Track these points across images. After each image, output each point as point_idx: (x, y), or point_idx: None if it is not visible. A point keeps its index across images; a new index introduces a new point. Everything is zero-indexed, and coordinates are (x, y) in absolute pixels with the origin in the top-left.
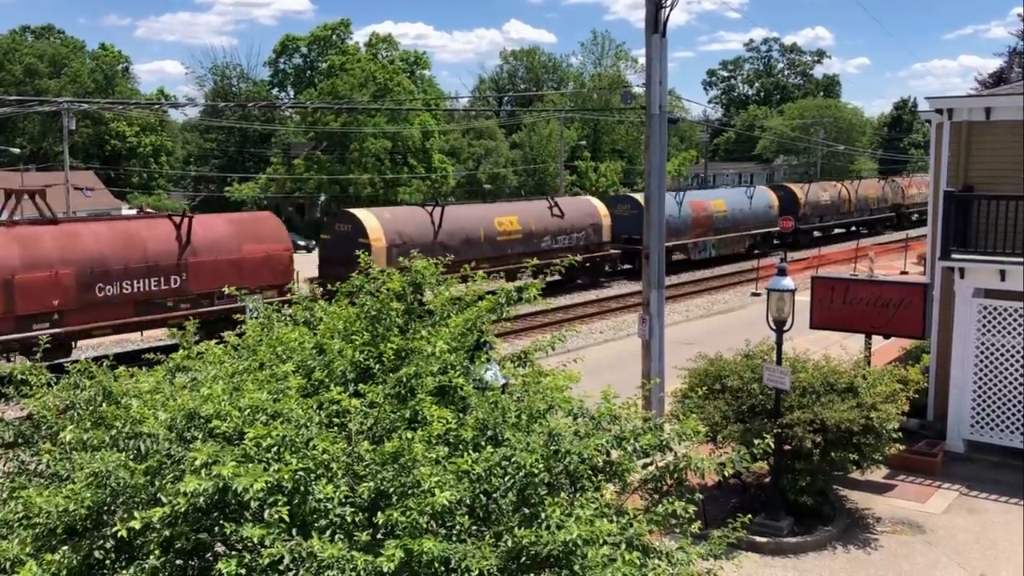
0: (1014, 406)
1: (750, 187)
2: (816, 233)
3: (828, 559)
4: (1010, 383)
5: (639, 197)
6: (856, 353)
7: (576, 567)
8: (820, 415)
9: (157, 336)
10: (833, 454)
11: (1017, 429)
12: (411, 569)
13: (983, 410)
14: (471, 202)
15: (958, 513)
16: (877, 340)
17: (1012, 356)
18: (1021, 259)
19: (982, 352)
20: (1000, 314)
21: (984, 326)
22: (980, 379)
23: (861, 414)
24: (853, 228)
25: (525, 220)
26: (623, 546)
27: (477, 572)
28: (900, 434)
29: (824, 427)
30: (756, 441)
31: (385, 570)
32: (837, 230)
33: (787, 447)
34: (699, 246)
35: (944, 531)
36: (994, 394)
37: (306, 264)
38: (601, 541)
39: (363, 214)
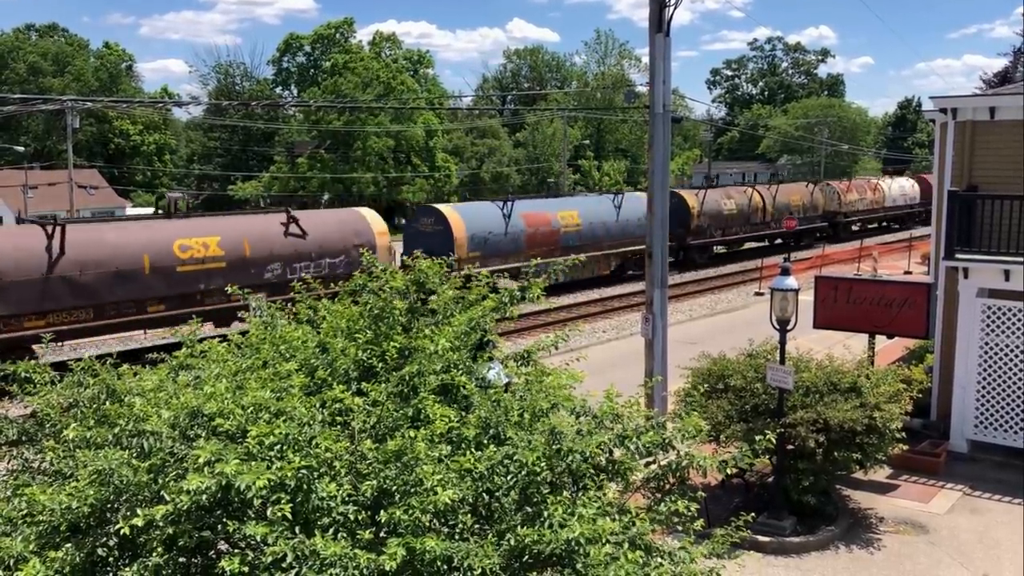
0: (1018, 406)
1: (618, 194)
2: (718, 248)
3: (831, 559)
4: (1014, 383)
5: (446, 209)
6: (859, 353)
7: (579, 565)
8: (823, 415)
9: (160, 334)
10: (836, 454)
11: (1021, 429)
12: (413, 568)
13: (986, 410)
14: None
15: (961, 513)
16: (880, 340)
17: (1016, 356)
18: None
19: (986, 352)
20: (1004, 314)
21: (988, 326)
22: (984, 379)
23: (864, 414)
24: (771, 241)
25: (231, 243)
26: (626, 545)
27: (480, 571)
28: (903, 434)
29: (827, 427)
30: (757, 437)
31: (387, 568)
32: (749, 244)
33: (790, 447)
34: (540, 270)
35: (947, 531)
36: (998, 394)
37: None
38: (604, 540)
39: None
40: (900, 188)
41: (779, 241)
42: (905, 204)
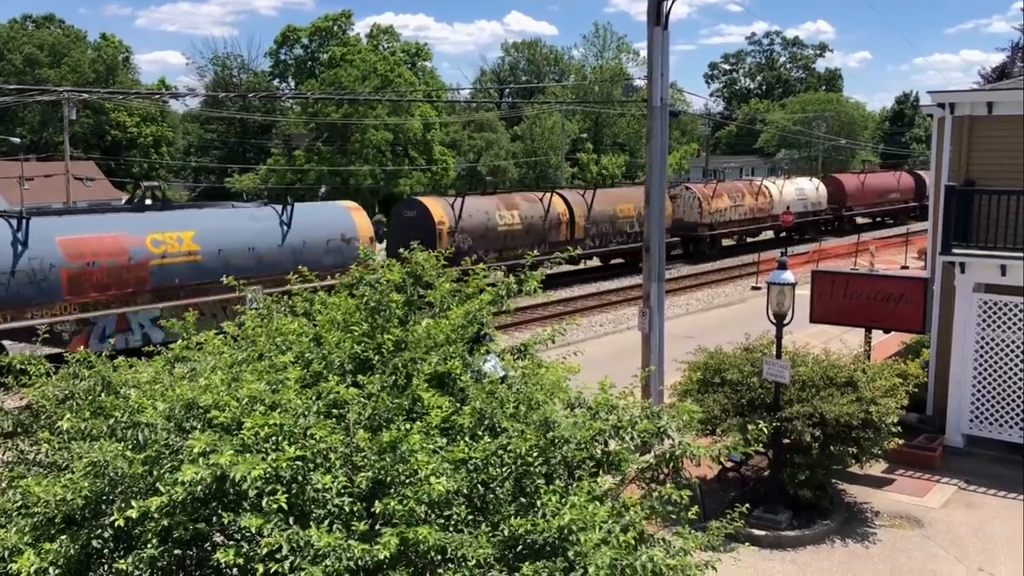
0: (1013, 401)
1: (287, 206)
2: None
3: (826, 552)
4: (1010, 378)
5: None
6: (856, 347)
7: (570, 553)
8: (819, 409)
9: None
10: (832, 448)
11: (1016, 424)
12: (408, 558)
13: (982, 405)
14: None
15: (957, 507)
16: (877, 334)
17: (1012, 351)
18: (1022, 254)
19: (982, 347)
20: (1000, 309)
21: (984, 321)
22: (980, 374)
23: (860, 408)
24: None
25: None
26: (617, 528)
27: (474, 561)
28: (899, 428)
29: (823, 421)
30: (750, 427)
31: (381, 557)
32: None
33: (786, 441)
34: (126, 322)
35: (942, 525)
36: (994, 389)
37: None
38: (595, 526)
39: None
40: (797, 192)
41: (598, 268)
42: (805, 211)
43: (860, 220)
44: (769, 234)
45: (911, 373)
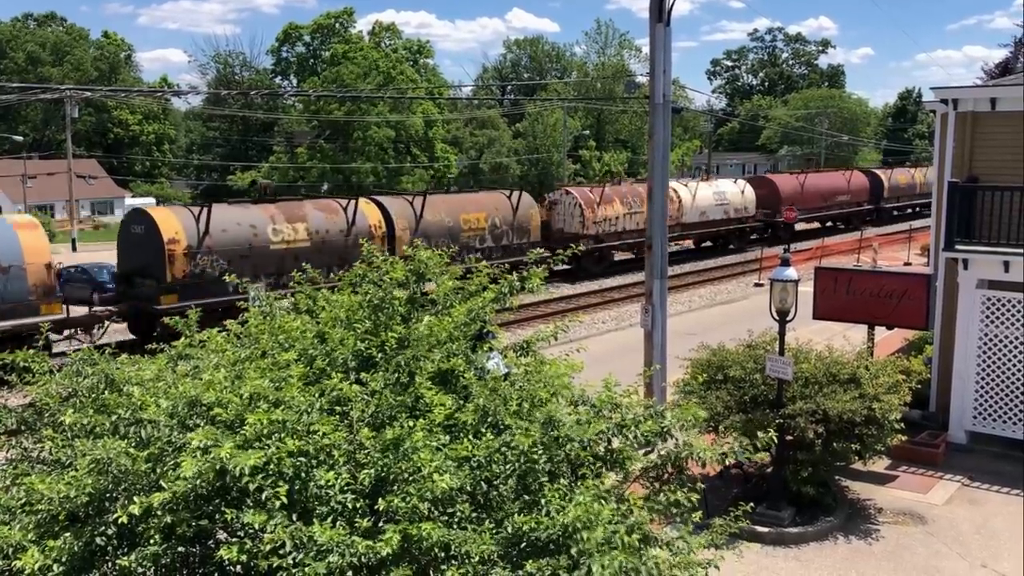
0: (1017, 397)
1: None
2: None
3: (829, 549)
4: (1013, 374)
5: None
6: (859, 344)
7: (573, 551)
8: (822, 406)
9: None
10: (835, 445)
11: (1019, 420)
12: (411, 554)
13: (985, 401)
14: None
15: (960, 504)
16: (880, 331)
17: (1015, 347)
18: None
19: (985, 343)
20: (1003, 305)
21: (987, 317)
22: (983, 370)
23: (863, 405)
24: None
25: None
26: (622, 529)
27: (477, 558)
28: (902, 425)
29: (826, 417)
30: (760, 434)
31: (383, 554)
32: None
33: (789, 437)
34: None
35: (946, 522)
36: (997, 385)
37: None
38: (599, 525)
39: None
40: (716, 196)
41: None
42: (727, 218)
43: (801, 226)
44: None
45: (914, 370)
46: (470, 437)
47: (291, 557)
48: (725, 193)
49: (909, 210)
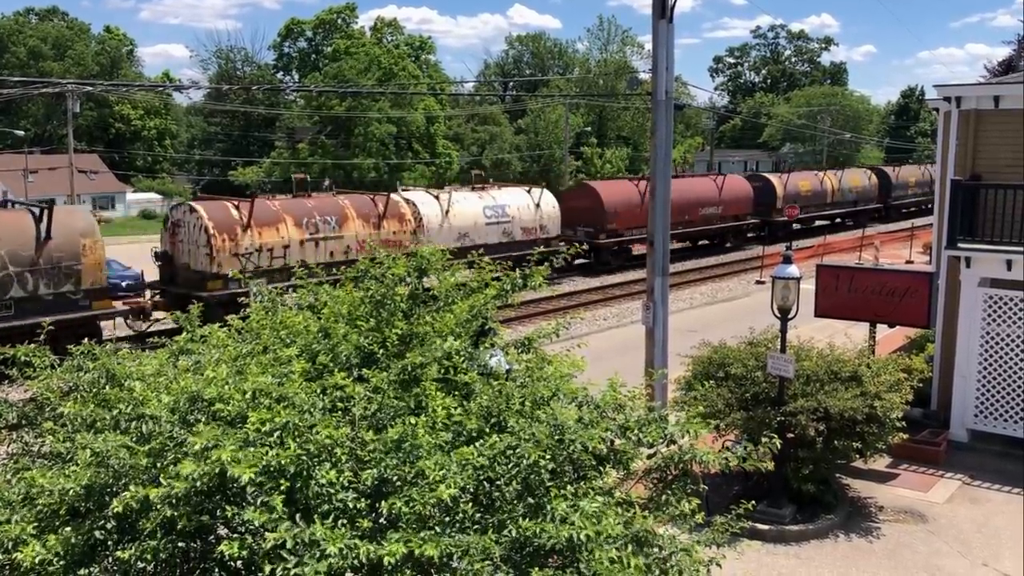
0: (1018, 395)
1: None
2: None
3: (830, 547)
4: (1014, 373)
5: None
6: (860, 342)
7: (582, 566)
8: (824, 403)
9: (161, 320)
10: (836, 442)
11: (1021, 419)
12: (414, 559)
13: (987, 399)
14: None
15: (961, 502)
16: (882, 329)
17: (1017, 346)
18: None
19: (987, 341)
20: (1005, 303)
21: (989, 315)
22: (984, 368)
23: (865, 403)
24: None
25: None
26: (629, 548)
27: (480, 566)
28: (903, 423)
29: (828, 415)
30: (763, 439)
31: (387, 564)
32: None
33: (790, 435)
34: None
35: (946, 520)
36: (998, 383)
37: None
38: (606, 536)
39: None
40: (491, 212)
41: None
42: (508, 242)
43: (639, 249)
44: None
45: (916, 368)
46: (473, 439)
47: (291, 559)
48: (505, 207)
49: (818, 222)
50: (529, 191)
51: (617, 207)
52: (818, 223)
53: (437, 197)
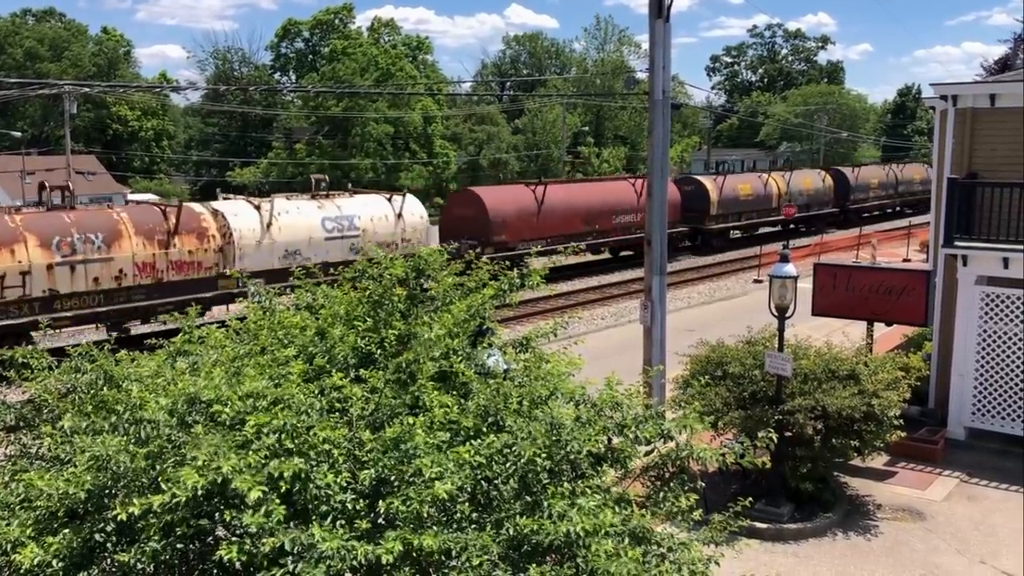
0: (1016, 393)
1: None
2: None
3: (828, 545)
4: (1012, 371)
5: None
6: (858, 340)
7: (579, 560)
8: (821, 402)
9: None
10: (834, 441)
11: (1018, 416)
12: (412, 558)
13: (984, 397)
14: None
15: (959, 500)
16: (879, 327)
17: (1014, 344)
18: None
19: (984, 340)
20: (1002, 302)
21: (986, 313)
22: (982, 366)
23: (862, 401)
24: None
25: None
26: (626, 540)
27: (478, 562)
28: (901, 421)
29: (825, 414)
30: (760, 434)
31: (384, 562)
32: None
33: (788, 434)
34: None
35: (944, 518)
36: (996, 381)
37: None
38: (603, 532)
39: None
40: (333, 224)
41: None
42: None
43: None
44: None
45: (913, 366)
46: (471, 439)
47: (290, 562)
48: (354, 218)
49: (763, 229)
50: (390, 198)
51: (506, 216)
52: (764, 230)
53: (258, 207)
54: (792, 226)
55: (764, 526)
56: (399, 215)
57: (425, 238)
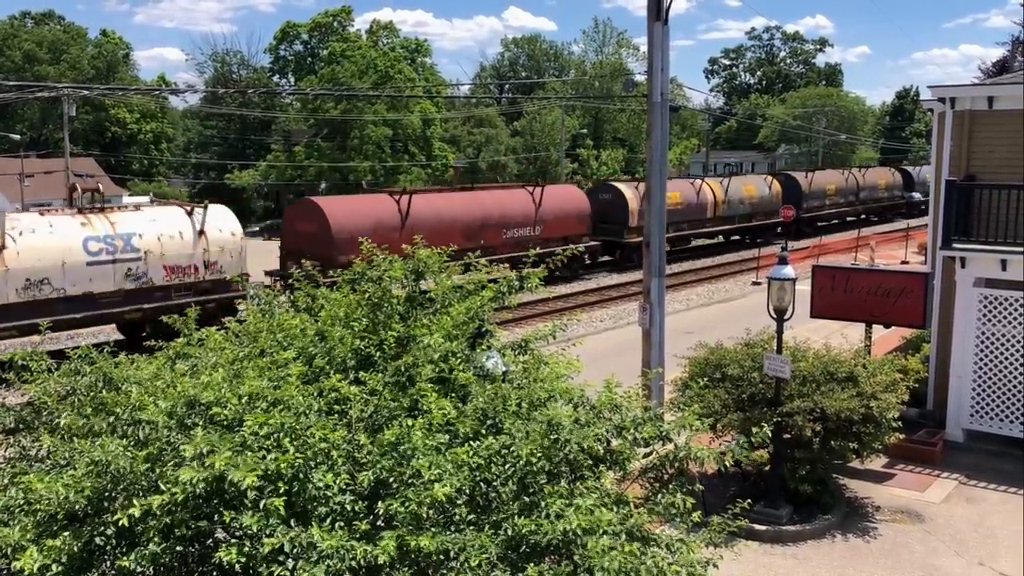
0: (1014, 395)
1: None
2: None
3: (827, 547)
4: (1010, 372)
5: None
6: (856, 342)
7: (576, 556)
8: (820, 404)
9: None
10: (833, 443)
11: (1017, 418)
12: (411, 559)
13: (983, 399)
14: None
15: (957, 502)
16: (877, 329)
17: (1012, 345)
18: (1022, 248)
19: (982, 341)
20: (1001, 304)
21: (984, 315)
22: (980, 368)
23: (861, 403)
24: None
25: None
26: (623, 536)
27: (476, 562)
28: (900, 423)
29: (824, 416)
30: (754, 430)
31: (380, 562)
32: None
33: (787, 436)
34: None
35: (943, 520)
36: (994, 383)
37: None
38: (601, 531)
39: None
40: (102, 244)
41: None
42: (133, 290)
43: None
44: None
45: (911, 368)
46: (470, 440)
47: (289, 562)
48: (132, 237)
49: (696, 241)
50: (191, 211)
51: (357, 232)
52: (698, 242)
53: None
54: (736, 238)
55: (763, 528)
56: (200, 231)
57: (240, 259)
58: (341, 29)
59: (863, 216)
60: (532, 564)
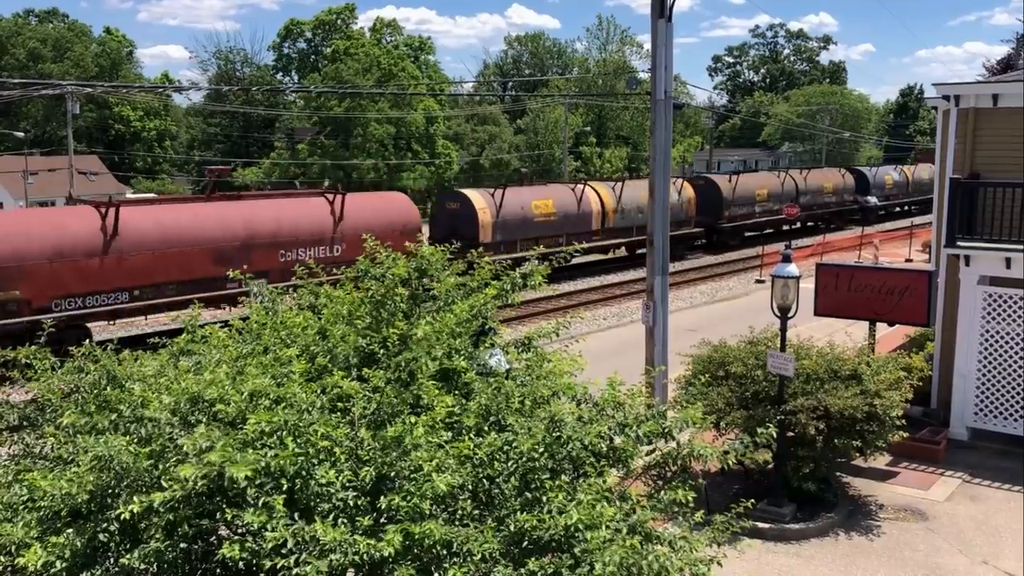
0: (1018, 394)
1: None
2: None
3: (830, 545)
4: (1014, 371)
5: None
6: (860, 340)
7: (577, 550)
8: (824, 402)
9: (162, 321)
10: (836, 441)
11: (1021, 417)
12: (413, 553)
13: (987, 398)
14: None
15: (961, 500)
16: (881, 327)
17: (1016, 344)
18: None
19: (986, 340)
20: (1005, 302)
21: (988, 314)
22: (984, 367)
23: (865, 401)
24: None
25: None
26: (624, 530)
27: (479, 555)
28: (903, 421)
29: (828, 414)
30: (759, 431)
31: (385, 554)
32: None
33: (790, 434)
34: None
35: (947, 518)
36: (998, 382)
37: None
38: (602, 525)
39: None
40: None
41: None
42: None
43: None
44: None
45: (915, 366)
46: (472, 436)
47: (292, 557)
48: None
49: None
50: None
51: (26, 260)
52: (578, 260)
53: None
54: (624, 253)
55: (766, 526)
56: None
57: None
58: (345, 27)
59: (809, 224)
60: (534, 559)
